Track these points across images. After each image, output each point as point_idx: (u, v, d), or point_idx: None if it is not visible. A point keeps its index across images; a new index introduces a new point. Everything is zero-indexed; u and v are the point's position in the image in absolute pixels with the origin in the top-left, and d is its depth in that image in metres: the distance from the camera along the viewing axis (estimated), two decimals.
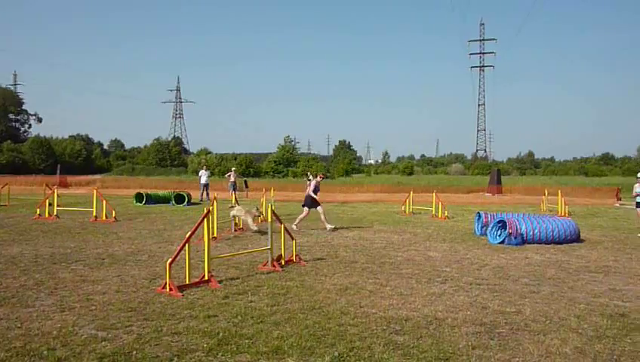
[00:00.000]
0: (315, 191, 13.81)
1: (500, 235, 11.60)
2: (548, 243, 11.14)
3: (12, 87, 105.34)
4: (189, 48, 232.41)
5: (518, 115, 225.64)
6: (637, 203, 13.29)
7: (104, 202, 15.12)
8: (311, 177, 32.67)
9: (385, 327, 5.20)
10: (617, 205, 25.32)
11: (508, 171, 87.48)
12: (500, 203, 26.93)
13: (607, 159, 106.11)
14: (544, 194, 22.58)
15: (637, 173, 14.72)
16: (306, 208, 13.80)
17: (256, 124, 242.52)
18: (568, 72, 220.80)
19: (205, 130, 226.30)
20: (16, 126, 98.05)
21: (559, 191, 20.11)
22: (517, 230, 11.17)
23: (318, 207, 13.68)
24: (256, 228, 12.38)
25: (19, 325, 5.09)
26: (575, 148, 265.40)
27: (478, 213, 13.32)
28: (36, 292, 6.39)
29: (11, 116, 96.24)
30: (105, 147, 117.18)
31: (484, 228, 12.53)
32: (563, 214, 18.21)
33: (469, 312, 5.81)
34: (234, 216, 12.80)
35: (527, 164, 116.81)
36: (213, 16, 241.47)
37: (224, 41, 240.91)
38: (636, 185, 13.43)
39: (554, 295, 6.71)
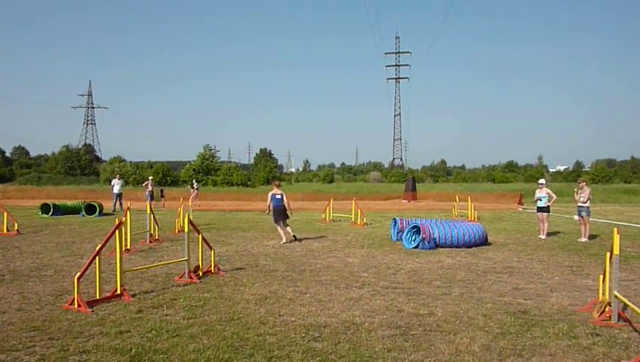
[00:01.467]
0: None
1: (414, 240, 12.05)
2: (459, 247, 11.74)
3: None
4: (100, 51, 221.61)
5: (431, 125, 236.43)
6: (538, 207, 14.33)
7: (5, 213, 14.01)
8: (196, 185, 32.36)
9: (304, 335, 5.23)
10: (520, 209, 27.18)
11: (422, 179, 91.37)
12: (414, 209, 28.00)
13: (511, 167, 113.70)
14: (455, 200, 23.79)
15: (538, 179, 15.88)
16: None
17: (173, 132, 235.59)
18: (476, 84, 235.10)
19: (119, 138, 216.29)
20: None
21: (469, 198, 21.28)
22: (430, 235, 11.67)
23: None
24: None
25: None
26: (483, 156, 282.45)
27: (394, 219, 13.78)
28: None
29: None
30: (7, 154, 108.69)
31: (400, 233, 12.97)
32: (472, 219, 19.26)
33: (385, 316, 5.99)
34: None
35: (440, 172, 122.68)
36: (128, 19, 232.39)
37: (139, 45, 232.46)
38: (537, 190, 14.51)
39: (464, 296, 7.08)
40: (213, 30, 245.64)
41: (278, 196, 12.96)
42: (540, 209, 14.17)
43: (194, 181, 35.96)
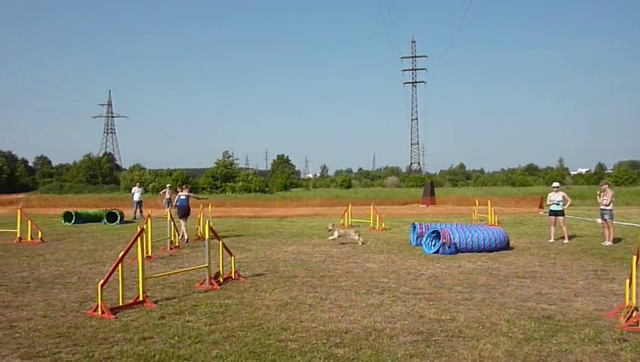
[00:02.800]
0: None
1: (434, 245, 11.97)
2: (479, 252, 11.62)
3: None
4: (120, 62, 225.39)
5: (449, 129, 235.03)
6: (551, 210, 14.15)
7: (29, 222, 14.29)
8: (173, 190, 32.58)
9: (325, 341, 5.23)
10: (541, 213, 26.80)
11: (441, 183, 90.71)
12: (433, 214, 27.80)
13: (531, 170, 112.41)
14: (475, 205, 23.54)
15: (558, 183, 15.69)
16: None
17: (192, 140, 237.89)
18: (494, 87, 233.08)
19: (139, 146, 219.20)
20: None
21: (489, 202, 21.05)
22: (450, 240, 11.57)
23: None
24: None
25: None
26: (503, 159, 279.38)
27: (413, 224, 13.70)
28: None
29: None
30: (30, 164, 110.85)
31: (419, 238, 12.89)
32: (493, 223, 19.06)
33: (406, 322, 5.95)
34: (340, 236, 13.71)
35: (459, 176, 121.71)
36: (146, 29, 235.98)
37: (157, 55, 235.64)
38: (552, 193, 14.32)
39: (486, 301, 7.00)
40: (231, 35, 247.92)
41: (183, 197, 14.79)
42: (555, 212, 13.99)
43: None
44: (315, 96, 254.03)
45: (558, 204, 13.92)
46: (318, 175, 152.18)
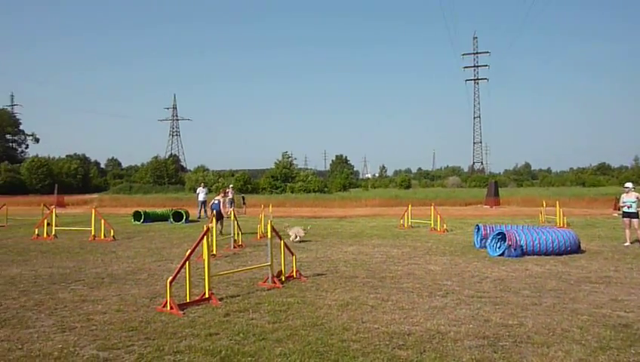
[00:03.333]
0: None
1: (499, 247, 11.60)
2: (547, 255, 11.14)
3: (9, 108, 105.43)
4: (184, 65, 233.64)
5: (513, 127, 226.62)
6: (624, 213, 13.37)
7: (102, 221, 15.09)
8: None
9: (388, 342, 5.19)
10: (616, 215, 25.34)
11: (505, 183, 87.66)
12: (497, 215, 26.95)
13: (603, 169, 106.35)
14: (542, 206, 22.62)
15: (633, 182, 14.80)
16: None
17: (252, 141, 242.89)
18: (563, 82, 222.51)
19: (202, 148, 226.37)
20: (14, 146, 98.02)
21: (557, 202, 20.16)
22: (516, 242, 11.17)
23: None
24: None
25: (20, 346, 5.06)
26: (571, 158, 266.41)
27: (477, 225, 13.33)
28: (36, 313, 6.36)
29: (8, 137, 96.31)
30: (102, 166, 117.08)
31: (484, 240, 12.53)
32: (562, 225, 18.23)
33: (471, 325, 5.80)
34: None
35: (524, 176, 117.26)
36: (208, 33, 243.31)
37: (219, 58, 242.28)
38: (624, 195, 13.52)
39: (556, 306, 6.70)
40: (290, 36, 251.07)
41: (216, 202, 15.33)
42: (628, 214, 13.20)
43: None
44: (373, 95, 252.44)
45: (630, 206, 13.14)
46: (376, 175, 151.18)
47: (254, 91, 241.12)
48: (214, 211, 15.13)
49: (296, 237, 14.04)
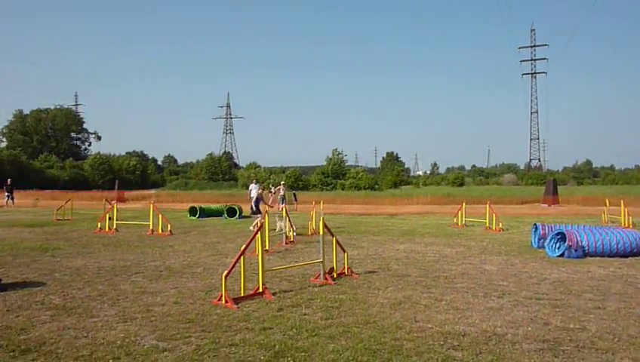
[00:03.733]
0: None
1: (559, 248, 11.16)
2: (611, 256, 10.62)
3: (74, 108, 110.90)
4: (238, 65, 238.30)
5: (573, 123, 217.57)
6: None
7: (160, 216, 15.61)
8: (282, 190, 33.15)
9: (442, 342, 5.10)
10: None
11: (564, 181, 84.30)
12: (556, 214, 25.95)
13: None
14: (605, 205, 21.59)
15: None
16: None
17: (303, 138, 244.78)
18: (628, 74, 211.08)
19: (254, 145, 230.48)
20: (78, 144, 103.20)
21: (622, 201, 19.18)
22: (577, 242, 10.72)
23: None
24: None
25: (85, 334, 5.32)
26: (637, 155, 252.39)
27: (535, 224, 12.88)
28: (100, 303, 6.66)
29: (73, 135, 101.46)
30: (159, 163, 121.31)
31: (542, 240, 12.09)
32: (627, 225, 17.33)
33: (529, 328, 5.61)
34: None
35: (585, 173, 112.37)
36: (261, 31, 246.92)
37: (271, 57, 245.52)
38: None
39: (621, 311, 6.38)
40: (342, 33, 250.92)
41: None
42: None
43: (271, 186, 37.13)
44: (425, 91, 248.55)
45: None
46: (428, 172, 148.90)
47: (306, 89, 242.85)
48: (255, 205, 15.37)
49: (281, 229, 14.09)
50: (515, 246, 12.59)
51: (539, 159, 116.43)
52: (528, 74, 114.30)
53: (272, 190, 33.27)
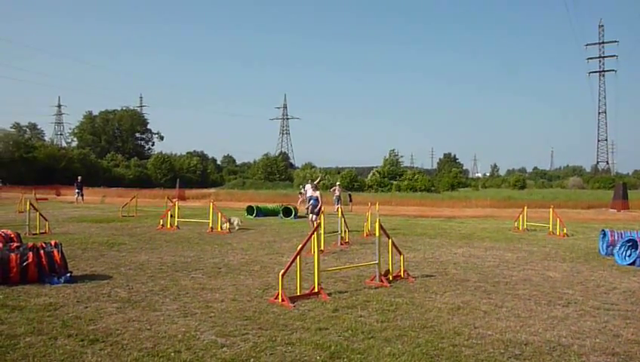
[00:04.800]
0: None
1: (629, 256, 10.53)
2: None
3: (138, 109, 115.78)
4: (295, 66, 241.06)
5: None
6: None
7: (219, 214, 16.01)
8: (304, 190, 32.80)
9: (502, 351, 4.93)
10: None
11: (635, 185, 79.61)
12: (626, 219, 24.53)
13: None
14: None
15: None
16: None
17: (359, 139, 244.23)
18: None
19: (310, 145, 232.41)
20: (142, 144, 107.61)
21: None
22: None
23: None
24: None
25: (148, 327, 5.53)
26: None
27: (603, 230, 12.22)
28: (162, 298, 6.91)
29: (137, 135, 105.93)
30: (218, 162, 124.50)
31: (610, 247, 11.45)
32: None
33: (597, 340, 5.33)
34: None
35: None
36: (318, 31, 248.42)
37: (327, 58, 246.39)
38: None
39: None
40: (399, 35, 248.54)
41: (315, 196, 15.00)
42: None
43: (301, 186, 37.00)
44: (484, 90, 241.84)
45: None
46: (487, 174, 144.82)
47: (362, 90, 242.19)
48: (310, 205, 15.18)
49: (237, 225, 15.80)
50: (581, 253, 12.01)
51: (607, 161, 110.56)
52: (596, 72, 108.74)
53: (302, 190, 33.34)
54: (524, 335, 5.46)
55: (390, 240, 8.50)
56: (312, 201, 15.20)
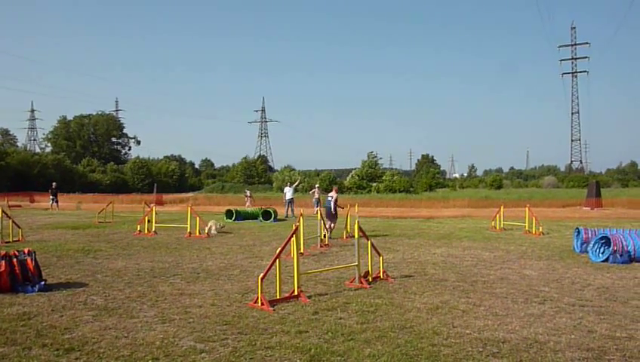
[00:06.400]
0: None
1: (603, 253, 10.77)
2: None
3: (114, 113, 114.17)
4: (273, 66, 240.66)
5: (617, 123, 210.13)
6: None
7: (197, 218, 15.87)
8: (248, 193, 33.09)
9: (481, 349, 4.98)
10: None
11: (608, 183, 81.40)
12: (600, 217, 25.07)
13: None
14: None
15: None
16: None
17: (338, 141, 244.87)
18: None
19: (289, 148, 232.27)
20: (118, 148, 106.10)
21: None
22: (622, 247, 10.32)
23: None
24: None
25: (126, 334, 5.44)
26: None
27: (577, 228, 12.47)
28: (140, 304, 6.81)
29: (114, 140, 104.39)
30: (196, 166, 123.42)
31: (585, 244, 11.70)
32: None
33: (573, 336, 5.43)
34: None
35: (630, 175, 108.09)
36: (296, 33, 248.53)
37: (306, 59, 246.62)
38: None
39: None
40: (376, 36, 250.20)
41: (330, 198, 15.08)
42: None
43: (246, 190, 37.47)
44: (460, 92, 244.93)
45: None
46: (465, 175, 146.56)
47: (340, 92, 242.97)
48: (326, 209, 15.05)
49: (214, 229, 15.97)
50: (556, 251, 12.23)
51: (580, 161, 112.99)
52: (568, 73, 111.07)
53: (248, 193, 33.47)
54: (502, 333, 5.53)
55: (369, 242, 8.53)
56: (326, 204, 15.16)
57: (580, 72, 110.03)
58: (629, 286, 8.06)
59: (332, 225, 14.82)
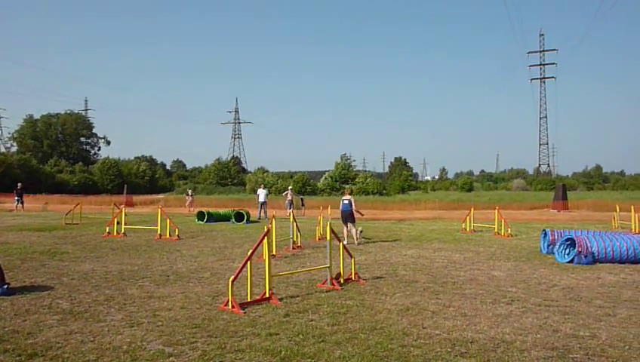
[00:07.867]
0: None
1: (568, 254, 11.05)
2: (622, 263, 10.50)
3: (83, 112, 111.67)
4: (246, 67, 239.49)
5: (583, 128, 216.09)
6: None
7: (168, 221, 15.64)
8: (190, 193, 33.48)
9: (450, 349, 5.04)
10: None
11: (574, 186, 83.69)
12: (566, 220, 25.73)
13: None
14: (615, 210, 21.39)
15: None
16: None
17: (311, 143, 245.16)
18: (638, 79, 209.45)
19: (262, 150, 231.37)
20: (87, 149, 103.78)
21: (632, 207, 18.97)
22: (587, 248, 10.61)
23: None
24: None
25: (92, 339, 5.32)
26: None
27: (544, 230, 12.77)
28: (107, 308, 6.67)
29: (82, 140, 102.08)
30: (168, 167, 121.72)
31: (551, 246, 11.98)
32: (637, 231, 17.14)
33: (538, 335, 5.54)
34: None
35: (595, 179, 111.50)
36: (269, 35, 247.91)
37: (280, 60, 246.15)
38: None
39: (632, 318, 6.29)
40: (351, 38, 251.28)
41: (346, 201, 14.49)
42: None
43: (189, 190, 37.73)
44: (432, 96, 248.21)
45: None
46: (436, 177, 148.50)
47: (314, 94, 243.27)
48: (344, 213, 14.38)
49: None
50: (524, 252, 12.49)
51: (548, 164, 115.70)
52: (537, 79, 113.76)
53: (190, 192, 33.44)
54: (470, 333, 5.61)
55: (341, 244, 8.55)
56: (342, 208, 14.49)
57: (548, 77, 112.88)
58: (593, 287, 8.29)
59: (357, 230, 14.42)
